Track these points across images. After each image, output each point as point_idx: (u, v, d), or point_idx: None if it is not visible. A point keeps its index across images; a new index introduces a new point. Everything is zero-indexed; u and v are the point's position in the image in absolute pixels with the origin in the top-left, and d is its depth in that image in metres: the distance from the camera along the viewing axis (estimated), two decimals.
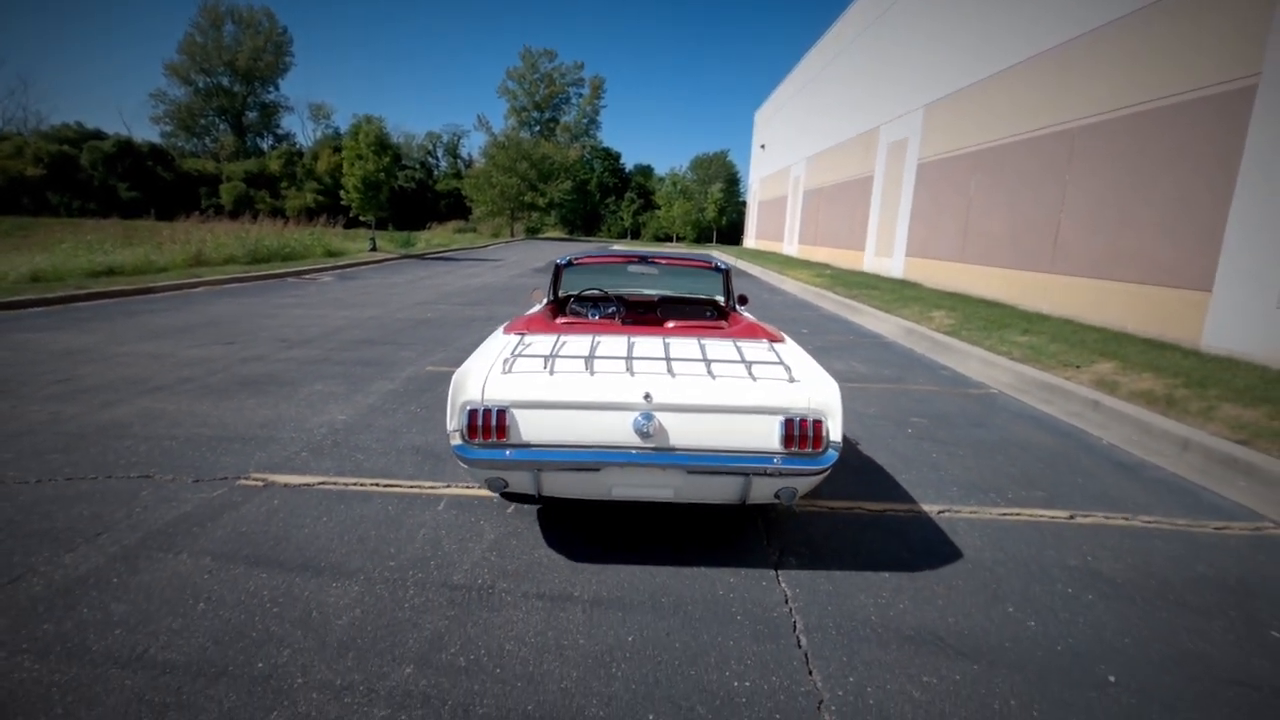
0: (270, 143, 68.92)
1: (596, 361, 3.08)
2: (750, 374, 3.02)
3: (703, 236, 59.53)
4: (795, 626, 2.68)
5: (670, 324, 4.13)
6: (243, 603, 2.67)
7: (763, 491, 2.96)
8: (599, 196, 70.16)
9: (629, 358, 3.10)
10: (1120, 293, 9.81)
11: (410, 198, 59.59)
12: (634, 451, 2.85)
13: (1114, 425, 5.76)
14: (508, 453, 2.84)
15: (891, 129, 19.75)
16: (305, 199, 52.80)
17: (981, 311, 11.13)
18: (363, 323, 9.86)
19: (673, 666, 2.40)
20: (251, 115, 68.19)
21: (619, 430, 2.85)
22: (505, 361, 3.02)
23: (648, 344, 3.40)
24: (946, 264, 15.47)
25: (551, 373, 2.96)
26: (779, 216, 35.86)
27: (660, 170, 73.71)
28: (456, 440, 2.87)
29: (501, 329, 3.76)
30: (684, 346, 3.39)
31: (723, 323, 4.46)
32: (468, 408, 2.86)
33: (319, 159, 56.01)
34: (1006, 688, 2.36)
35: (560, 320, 4.10)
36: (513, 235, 52.70)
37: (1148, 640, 2.68)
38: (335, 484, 3.90)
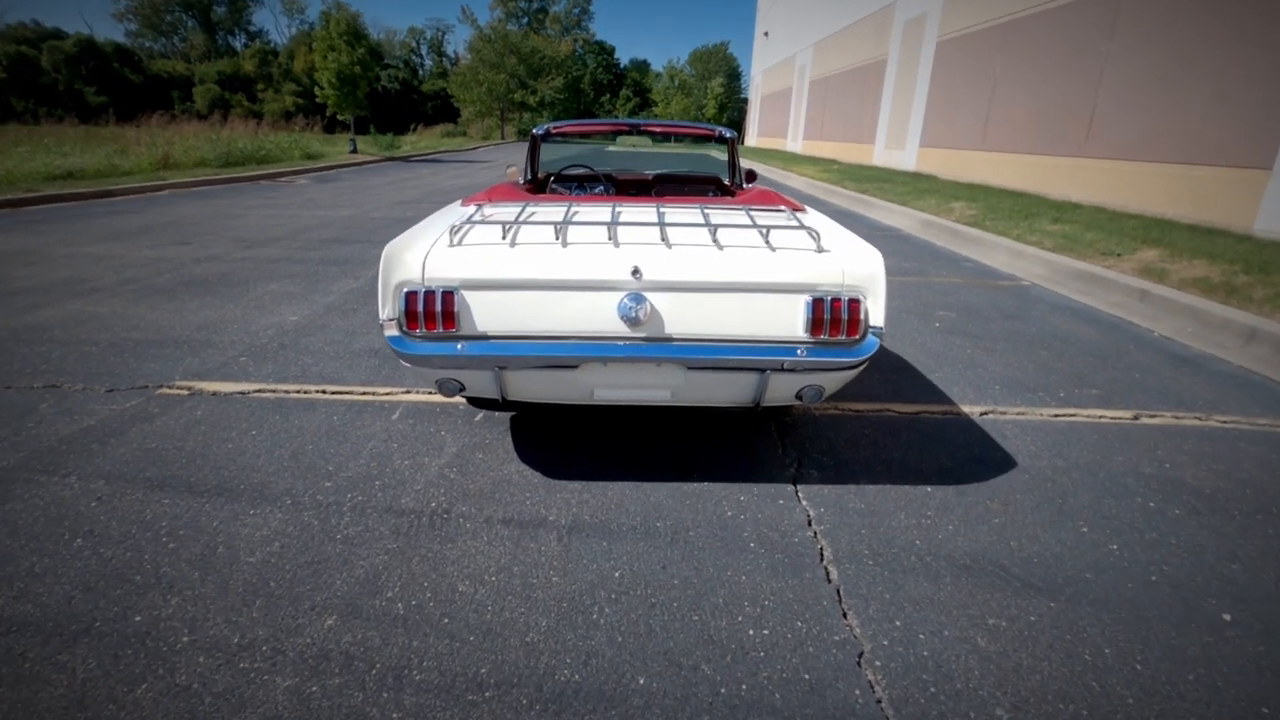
0: (243, 41, 64.87)
1: (572, 230, 2.42)
2: (767, 242, 2.37)
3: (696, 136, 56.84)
4: (822, 555, 2.16)
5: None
6: (132, 536, 2.14)
7: (782, 391, 2.38)
8: (593, 95, 66.75)
9: (613, 223, 2.43)
10: (1162, 176, 8.95)
11: (394, 100, 56.62)
12: (620, 343, 2.24)
13: (1166, 316, 5.14)
14: (459, 346, 2.23)
15: (908, 5, 18.06)
16: (284, 102, 50.14)
17: (1005, 201, 10.29)
18: (335, 222, 9.07)
19: (670, 610, 1.88)
20: (220, 10, 63.79)
21: (601, 316, 2.23)
22: (454, 231, 2.36)
23: (638, 211, 2.74)
24: (965, 153, 14.42)
25: (513, 244, 2.31)
26: (783, 111, 33.94)
27: (657, 65, 69.98)
28: (392, 331, 2.26)
29: (459, 202, 3.07)
30: (684, 214, 2.73)
31: (730, 198, 3.75)
32: (404, 289, 2.22)
33: (295, 58, 52.75)
34: (1096, 632, 1.84)
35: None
36: (503, 138, 50.34)
37: (1260, 565, 2.16)
38: (273, 391, 3.32)
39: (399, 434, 2.90)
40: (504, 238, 2.33)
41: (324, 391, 3.33)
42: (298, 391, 3.33)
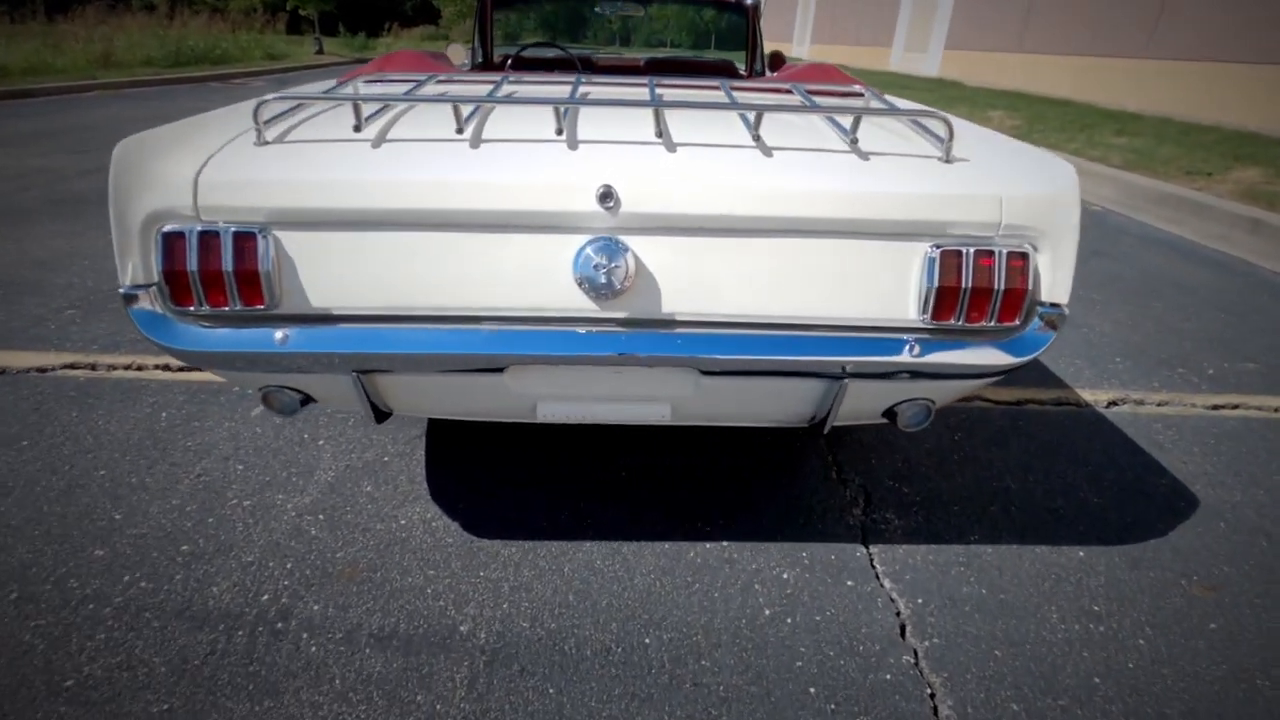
0: None
1: (497, 117, 1.34)
2: (853, 143, 1.29)
3: (700, 43, 53.53)
4: (936, 713, 1.21)
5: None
6: None
7: (864, 405, 1.37)
8: None
9: (571, 102, 1.31)
10: (1247, 79, 7.66)
11: None
12: (581, 330, 1.22)
13: None
14: (279, 336, 1.19)
15: None
16: None
17: (1051, 111, 8.97)
18: None
19: None
20: None
21: (544, 281, 1.20)
22: (267, 120, 1.26)
23: (616, 89, 1.64)
24: (998, 56, 12.86)
25: (380, 141, 1.22)
26: (788, 11, 31.39)
27: None
28: (145, 305, 1.21)
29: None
30: (694, 94, 1.64)
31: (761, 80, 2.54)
32: (161, 228, 1.16)
33: None
34: None
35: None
36: None
37: None
38: (90, 368, 2.28)
39: (251, 445, 1.89)
40: (359, 129, 1.24)
41: (165, 368, 2.30)
42: (127, 367, 2.29)
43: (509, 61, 3.24)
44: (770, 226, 1.19)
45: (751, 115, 1.32)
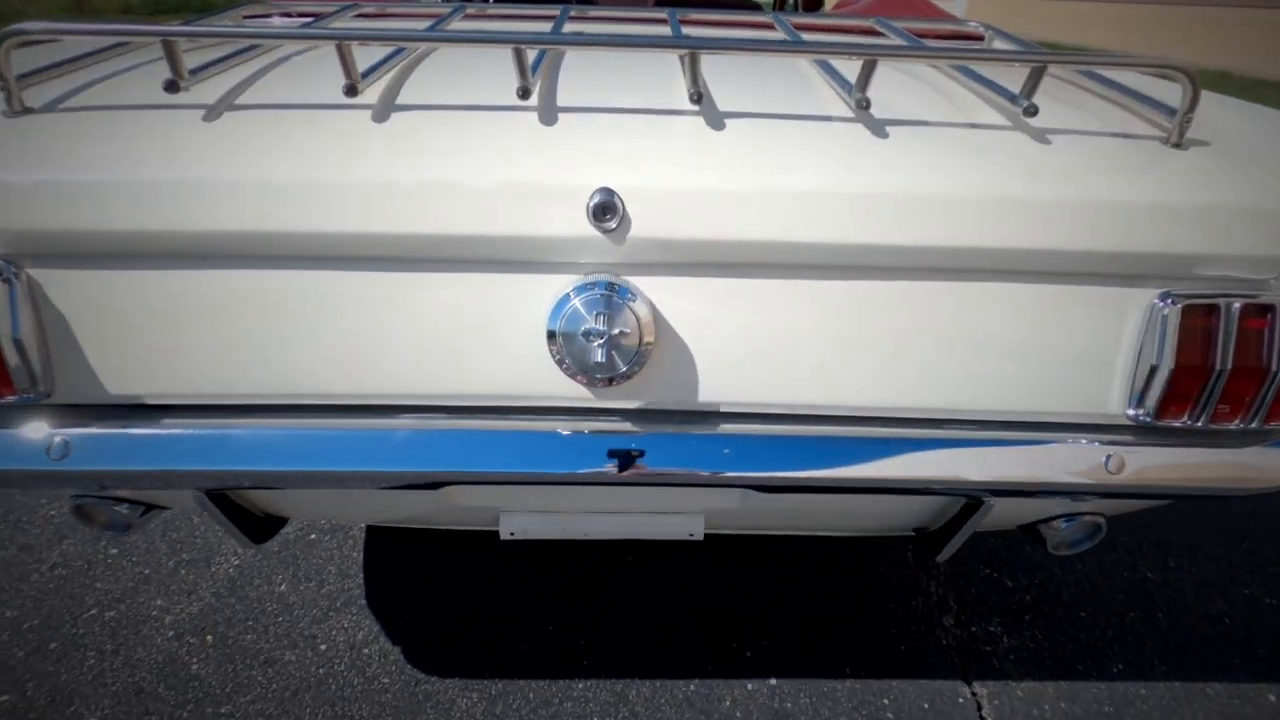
0: None
1: (428, 68, 0.83)
2: (1026, 111, 0.73)
3: None
4: None
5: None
6: None
7: (995, 519, 0.89)
8: None
9: (546, 42, 0.77)
10: None
11: None
12: (563, 433, 0.74)
13: None
14: (52, 443, 0.70)
15: None
16: None
17: None
18: None
19: None
20: None
21: (502, 350, 0.71)
22: (21, 77, 0.74)
23: (620, 27, 1.12)
24: (1032, 1, 12.03)
25: (219, 109, 0.71)
26: None
27: None
28: None
29: None
30: (739, 33, 1.12)
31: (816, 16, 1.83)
32: None
33: None
34: None
35: None
36: None
37: None
38: None
39: (79, 563, 1.42)
40: (176, 86, 0.71)
41: None
42: None
43: None
44: (885, 261, 0.69)
45: (834, 67, 0.80)
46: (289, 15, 1.14)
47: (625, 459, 0.73)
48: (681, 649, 1.19)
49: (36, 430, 0.70)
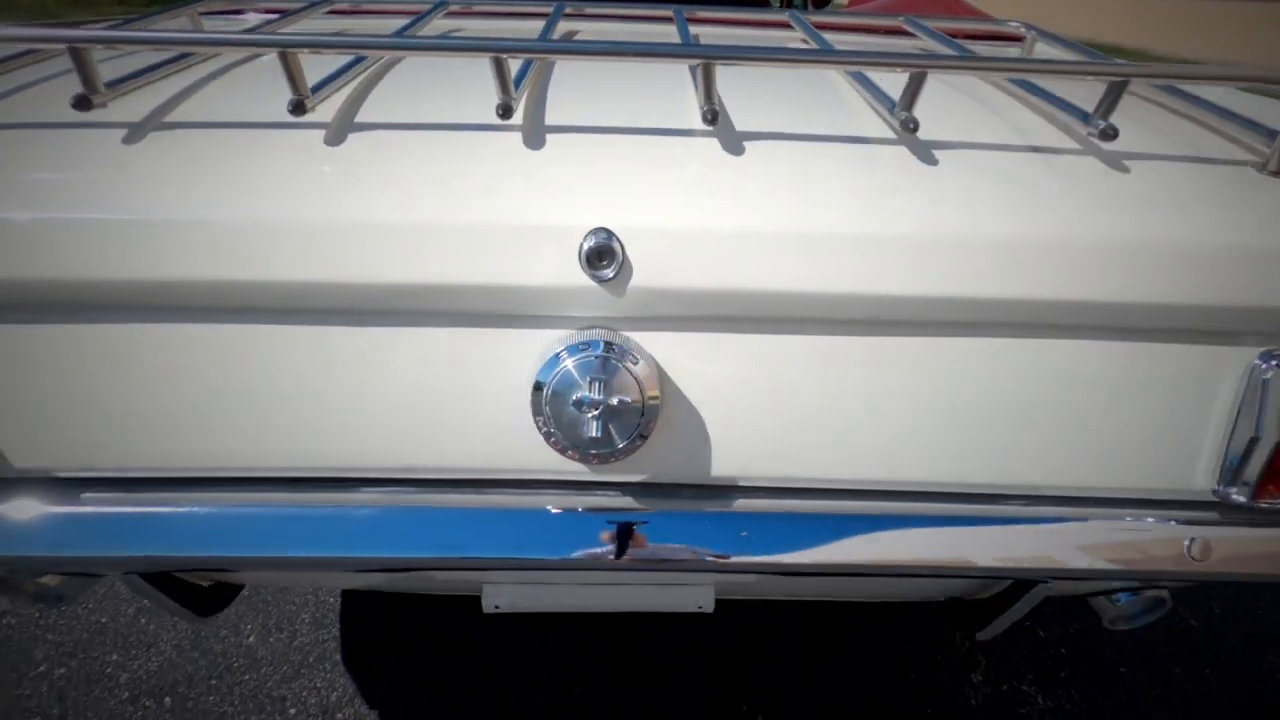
0: None
1: (395, 78, 0.70)
2: (1103, 135, 0.58)
3: None
4: None
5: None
6: None
7: (1044, 591, 0.78)
8: None
9: (533, 50, 0.64)
10: None
11: None
12: (552, 511, 0.63)
13: None
14: None
15: None
16: None
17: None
18: None
19: None
20: None
21: (477, 419, 0.60)
22: None
23: (620, 28, 1.00)
24: None
25: (141, 130, 0.58)
26: None
27: None
28: None
29: None
30: (753, 35, 1.01)
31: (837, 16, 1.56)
32: None
33: None
34: None
35: None
36: None
37: None
38: None
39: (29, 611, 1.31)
40: (89, 102, 0.59)
41: None
42: None
43: None
44: (939, 316, 0.58)
45: (868, 77, 0.69)
46: (245, 12, 1.02)
47: (625, 541, 0.62)
48: (686, 707, 1.08)
49: None
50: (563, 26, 0.91)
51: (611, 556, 0.62)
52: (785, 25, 1.01)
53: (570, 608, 0.81)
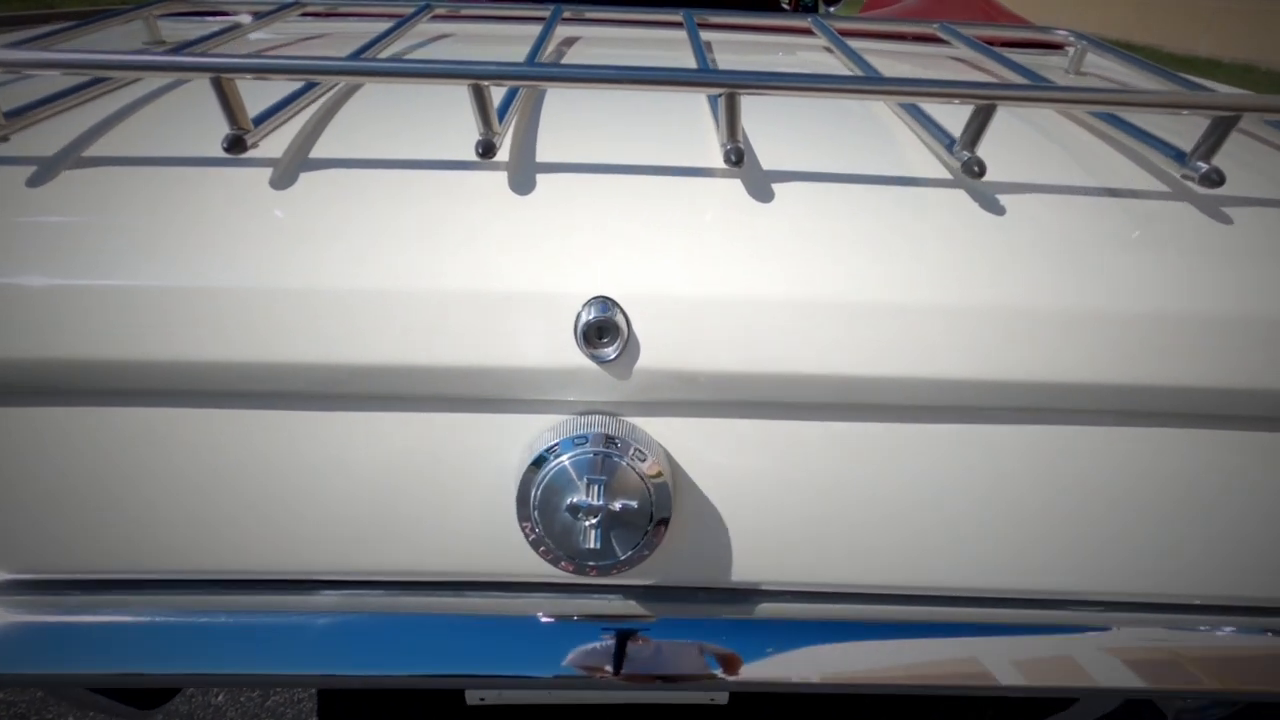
0: None
1: (361, 103, 0.58)
2: (1205, 180, 0.47)
3: None
4: None
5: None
6: None
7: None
8: None
9: (521, 77, 0.50)
10: None
11: None
12: (542, 620, 0.54)
13: None
14: None
15: None
16: None
17: None
18: None
19: None
20: None
21: (455, 524, 0.50)
22: None
23: (624, 33, 0.90)
24: None
25: (47, 174, 0.49)
26: None
27: None
28: None
29: None
30: (766, 44, 0.90)
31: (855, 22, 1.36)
32: None
33: None
34: None
35: None
36: None
37: None
38: None
39: None
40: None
41: None
42: None
43: None
44: (1007, 401, 0.48)
45: (918, 106, 0.58)
46: (211, 14, 0.92)
47: (626, 654, 0.53)
48: None
49: None
50: (560, 32, 0.81)
51: (610, 672, 0.53)
52: (808, 32, 0.91)
53: (565, 700, 0.72)
